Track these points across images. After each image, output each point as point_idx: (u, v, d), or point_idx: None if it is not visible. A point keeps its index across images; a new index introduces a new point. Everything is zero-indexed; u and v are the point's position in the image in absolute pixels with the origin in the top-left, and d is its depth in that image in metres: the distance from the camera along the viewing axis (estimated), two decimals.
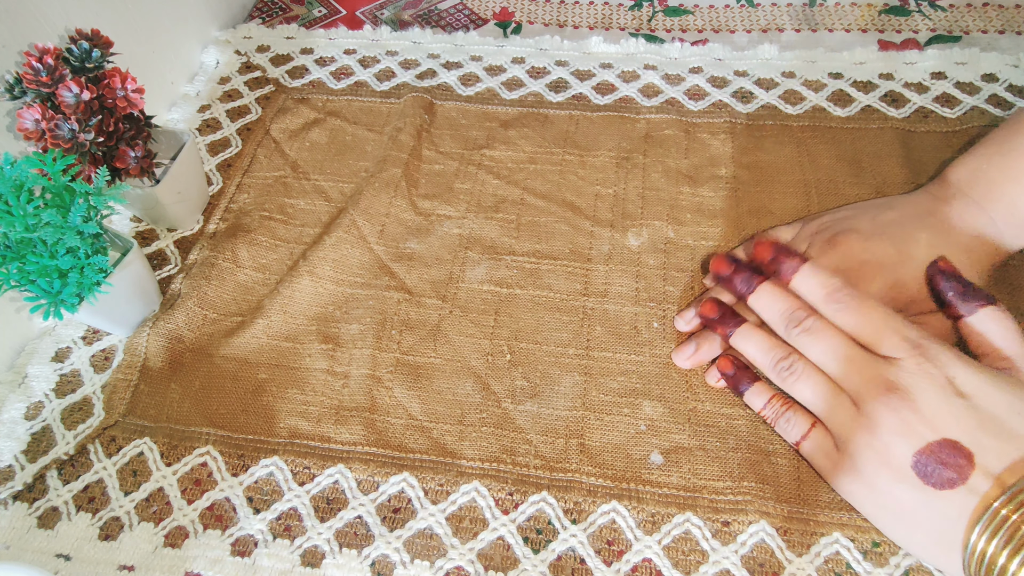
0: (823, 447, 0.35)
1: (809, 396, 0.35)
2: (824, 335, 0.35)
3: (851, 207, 0.44)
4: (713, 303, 0.39)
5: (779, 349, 0.36)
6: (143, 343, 0.43)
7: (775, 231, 0.44)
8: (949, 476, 0.30)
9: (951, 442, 0.30)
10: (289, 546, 0.36)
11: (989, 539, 0.29)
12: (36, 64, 0.38)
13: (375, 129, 0.55)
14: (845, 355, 0.34)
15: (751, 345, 0.37)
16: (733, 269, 0.38)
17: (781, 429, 0.37)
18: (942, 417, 0.31)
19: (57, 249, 0.36)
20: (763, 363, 0.37)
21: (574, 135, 0.53)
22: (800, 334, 0.35)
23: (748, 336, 0.37)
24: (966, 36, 0.58)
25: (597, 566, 0.35)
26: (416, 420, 0.40)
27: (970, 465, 0.30)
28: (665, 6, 0.64)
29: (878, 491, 0.32)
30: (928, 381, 0.31)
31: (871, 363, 0.33)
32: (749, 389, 0.38)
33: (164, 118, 0.56)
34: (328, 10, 0.67)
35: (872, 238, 0.39)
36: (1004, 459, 0.29)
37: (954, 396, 0.31)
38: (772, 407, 0.37)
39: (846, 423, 0.33)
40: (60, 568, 0.36)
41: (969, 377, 0.31)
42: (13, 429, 0.41)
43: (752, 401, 0.38)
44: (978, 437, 0.30)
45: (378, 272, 0.46)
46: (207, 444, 0.40)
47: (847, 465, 0.33)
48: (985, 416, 0.30)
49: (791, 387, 0.36)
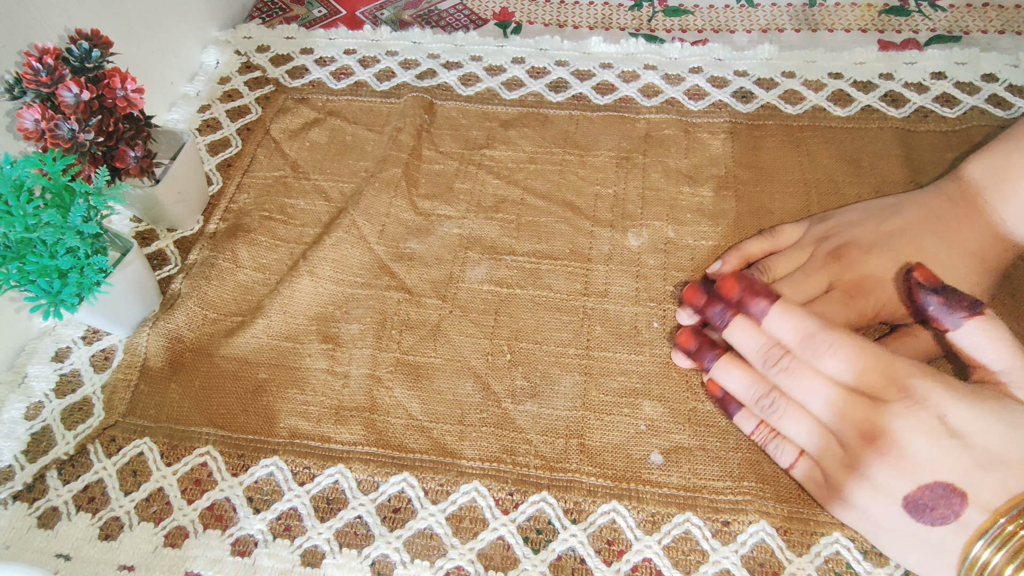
0: (812, 476, 0.35)
1: (794, 433, 0.34)
2: (802, 376, 0.33)
3: (858, 208, 0.43)
4: (689, 334, 0.39)
5: (759, 385, 0.35)
6: (143, 343, 0.43)
7: (782, 228, 0.44)
8: (942, 515, 0.29)
9: (943, 484, 0.29)
10: (289, 546, 0.36)
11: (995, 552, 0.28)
12: (36, 64, 0.38)
13: (375, 129, 0.55)
14: (827, 398, 0.33)
15: (731, 380, 0.37)
16: (705, 301, 0.37)
17: (771, 453, 0.36)
18: (934, 462, 0.30)
19: (57, 249, 0.36)
20: (744, 398, 0.36)
21: (574, 135, 0.53)
22: (778, 374, 0.34)
23: (727, 370, 0.37)
24: (966, 36, 0.58)
25: (597, 566, 0.35)
26: (416, 420, 0.40)
27: (963, 504, 0.29)
28: (665, 6, 0.64)
29: (870, 519, 0.32)
30: (917, 427, 0.30)
31: (855, 406, 0.32)
32: (739, 413, 0.37)
33: (164, 118, 0.56)
34: (328, 10, 0.67)
35: (873, 250, 0.39)
36: (1003, 492, 0.29)
37: (946, 438, 0.30)
38: (761, 432, 0.36)
39: (833, 463, 0.33)
40: (60, 568, 0.36)
41: (960, 413, 0.30)
42: (13, 429, 0.41)
43: (742, 424, 0.37)
44: (973, 475, 0.29)
45: (378, 272, 0.46)
46: (207, 444, 0.40)
47: (836, 495, 0.33)
48: (979, 452, 0.29)
49: (776, 423, 0.35)
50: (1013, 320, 0.41)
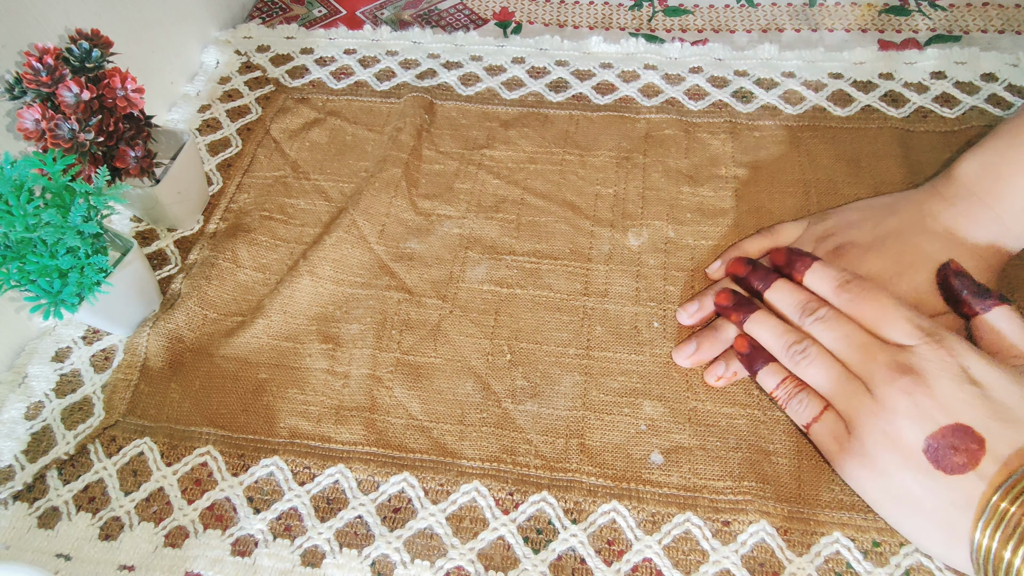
0: (833, 430, 0.35)
1: (821, 380, 0.35)
2: (838, 323, 0.35)
3: (856, 208, 0.44)
4: (728, 292, 0.41)
5: (792, 334, 0.37)
6: (143, 343, 0.43)
7: (781, 227, 0.45)
8: (960, 461, 0.30)
9: (964, 427, 0.30)
10: (289, 546, 0.36)
11: (992, 534, 0.29)
12: (36, 64, 0.38)
13: (375, 129, 0.55)
14: (859, 342, 0.34)
15: (764, 330, 0.38)
16: (749, 269, 0.40)
17: (792, 410, 0.37)
18: (956, 403, 0.31)
19: (57, 249, 0.36)
20: (776, 347, 0.37)
21: (574, 135, 0.53)
22: (814, 322, 0.36)
23: (762, 322, 0.38)
24: (966, 36, 0.58)
25: (597, 566, 0.35)
26: (416, 420, 0.40)
27: (981, 450, 0.30)
28: (665, 6, 0.64)
29: (887, 476, 0.32)
30: (942, 367, 0.32)
31: (885, 349, 0.34)
32: (764, 368, 0.38)
33: (164, 118, 0.56)
34: (328, 10, 0.67)
35: (871, 251, 0.40)
36: (1014, 445, 0.30)
37: (968, 383, 0.31)
38: (785, 387, 0.37)
39: (858, 406, 0.34)
40: (60, 568, 0.36)
41: (982, 367, 0.32)
42: (13, 429, 0.41)
43: (765, 381, 0.38)
44: (989, 424, 0.30)
45: (378, 272, 0.46)
46: (207, 444, 0.40)
47: (857, 449, 0.33)
48: (997, 404, 0.31)
49: (803, 371, 0.36)
50: None
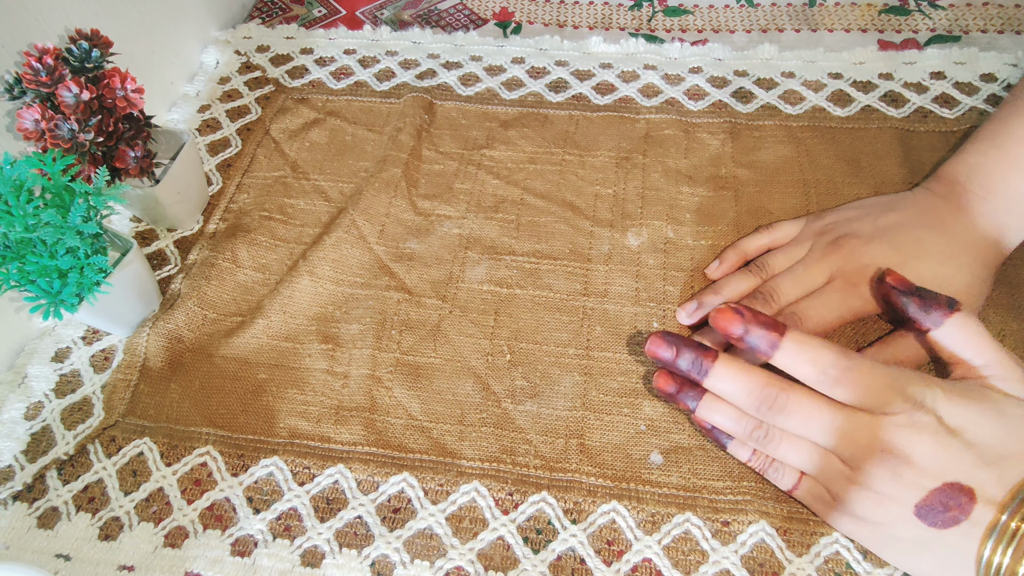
0: (816, 494, 0.34)
1: (794, 460, 0.34)
2: (803, 410, 0.32)
3: (854, 207, 0.44)
4: (666, 376, 0.36)
5: (750, 419, 0.34)
6: (143, 343, 0.43)
7: (779, 225, 0.45)
8: (953, 516, 0.30)
9: (951, 485, 0.30)
10: (289, 546, 0.36)
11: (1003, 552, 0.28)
12: (36, 64, 0.38)
13: (375, 129, 0.55)
14: (832, 427, 0.32)
15: (719, 416, 0.35)
16: (675, 350, 0.34)
17: (771, 478, 0.36)
18: (940, 464, 0.30)
19: (57, 249, 0.36)
20: (736, 432, 0.35)
21: (574, 135, 0.53)
22: (777, 415, 0.33)
23: (714, 408, 0.35)
24: (966, 36, 0.58)
25: (597, 566, 0.35)
26: (416, 420, 0.40)
27: (971, 501, 0.29)
28: (665, 6, 0.64)
29: (880, 529, 0.32)
30: (921, 432, 0.30)
31: (860, 428, 0.31)
32: (731, 443, 0.36)
33: (164, 118, 0.56)
34: (328, 10, 0.67)
35: (872, 241, 0.39)
36: (1004, 484, 0.29)
37: (947, 436, 0.30)
38: (758, 458, 0.35)
39: (839, 481, 0.33)
40: (60, 568, 0.36)
41: (955, 411, 0.30)
42: (13, 429, 0.41)
43: (736, 453, 0.36)
44: (975, 472, 0.30)
45: (378, 272, 0.46)
46: (207, 444, 0.40)
47: (845, 511, 0.33)
48: (978, 449, 0.30)
49: (773, 452, 0.34)
50: (1012, 317, 0.41)
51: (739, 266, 0.44)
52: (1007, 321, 0.41)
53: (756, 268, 0.43)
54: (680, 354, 0.34)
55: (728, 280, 0.43)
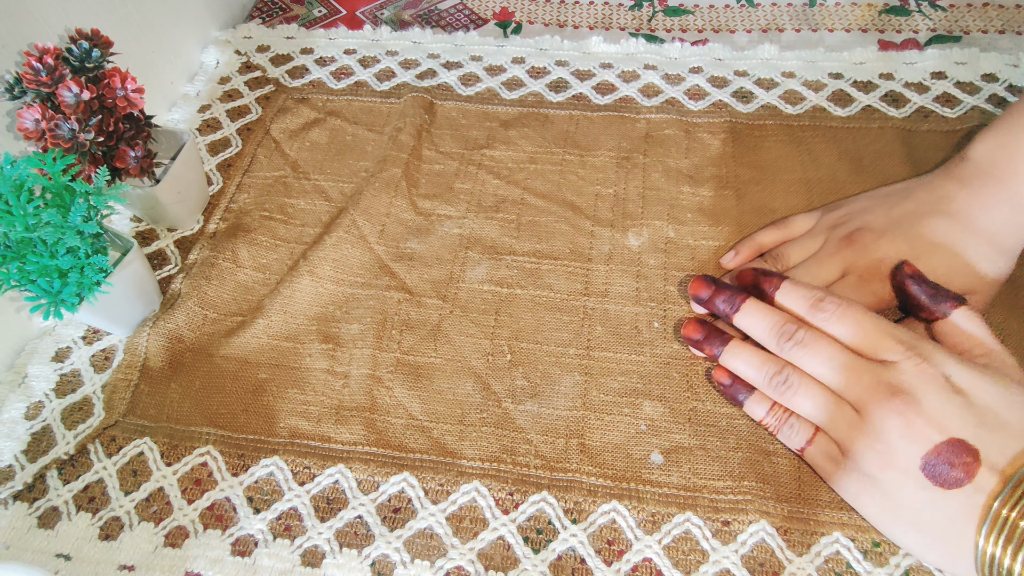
0: (828, 452, 0.35)
1: (809, 408, 0.35)
2: (817, 345, 0.34)
3: (868, 196, 0.44)
4: (695, 323, 0.39)
5: (771, 364, 0.36)
6: (143, 343, 0.43)
7: (793, 219, 0.45)
8: (957, 476, 0.30)
9: (958, 441, 0.30)
10: (289, 546, 0.36)
11: (995, 542, 0.29)
12: (36, 64, 0.38)
13: (375, 129, 0.55)
14: (842, 363, 0.34)
15: (741, 362, 0.37)
16: (713, 290, 0.38)
17: (784, 436, 0.36)
18: (947, 417, 0.31)
19: (57, 249, 0.36)
20: (756, 379, 0.36)
21: (574, 135, 0.53)
22: (793, 347, 0.35)
23: (738, 353, 0.37)
24: (966, 36, 0.58)
25: (597, 566, 0.35)
26: (416, 420, 0.40)
27: (976, 462, 0.30)
28: (665, 6, 0.64)
29: (885, 494, 0.32)
30: (929, 382, 0.31)
31: (869, 369, 0.33)
32: (749, 398, 0.37)
33: (164, 118, 0.56)
34: (328, 10, 0.67)
35: (886, 235, 0.40)
36: (1006, 452, 0.30)
37: (954, 394, 0.31)
38: (774, 415, 0.36)
39: (850, 431, 0.33)
40: (60, 568, 0.36)
41: (963, 374, 0.32)
42: (13, 429, 0.41)
43: (752, 410, 0.37)
44: (980, 433, 0.30)
45: (378, 272, 0.46)
46: (207, 444, 0.40)
47: (853, 469, 0.33)
48: (983, 411, 0.31)
49: (789, 400, 0.35)
50: (1013, 315, 0.41)
51: (753, 258, 0.44)
52: (1008, 320, 0.41)
53: (771, 260, 0.43)
54: (718, 292, 0.38)
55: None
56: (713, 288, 0.38)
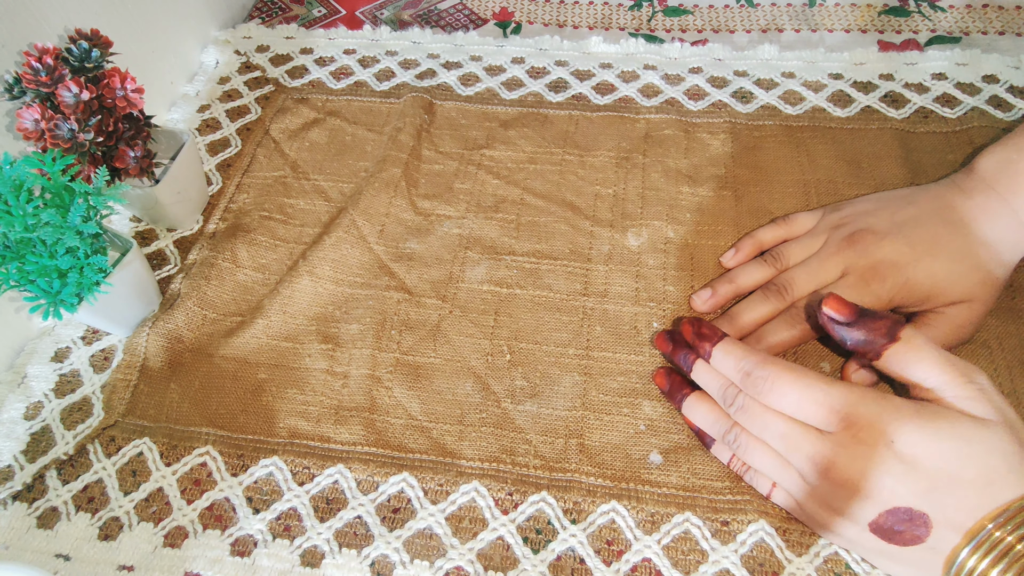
0: (788, 503, 0.35)
1: (759, 465, 0.35)
2: (755, 413, 0.34)
3: (873, 199, 0.44)
4: (663, 374, 0.40)
5: (723, 422, 0.36)
6: (143, 343, 0.43)
7: (796, 217, 0.45)
8: (909, 536, 0.30)
9: (903, 509, 0.30)
10: (289, 546, 0.36)
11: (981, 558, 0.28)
12: (35, 64, 0.38)
13: (375, 129, 0.55)
14: (779, 432, 0.33)
15: (698, 416, 0.37)
16: (671, 348, 0.39)
17: (749, 480, 0.36)
18: (888, 490, 0.30)
19: (57, 249, 0.36)
20: (712, 433, 0.37)
21: (574, 135, 0.53)
22: (736, 412, 0.35)
23: (695, 407, 0.37)
24: (966, 37, 0.58)
25: (597, 566, 0.35)
26: (416, 420, 0.40)
27: (928, 526, 0.29)
28: (665, 6, 0.64)
29: (850, 541, 0.33)
30: (863, 457, 0.30)
31: (807, 440, 0.32)
32: (715, 445, 0.37)
33: (164, 118, 0.56)
34: (328, 10, 0.67)
35: (887, 237, 0.40)
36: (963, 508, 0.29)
37: (896, 463, 0.30)
38: (736, 463, 0.36)
39: (799, 492, 0.33)
40: (59, 568, 0.36)
41: (909, 436, 0.30)
42: (12, 429, 0.41)
43: (718, 455, 0.37)
44: (931, 498, 0.29)
45: (378, 272, 0.46)
46: (207, 444, 0.40)
47: (813, 522, 0.34)
48: (933, 474, 0.29)
49: (743, 456, 0.35)
50: (1010, 320, 0.41)
51: (754, 255, 0.44)
52: (1006, 325, 0.40)
53: (771, 258, 0.43)
54: (675, 350, 0.39)
55: (743, 269, 0.43)
56: (671, 346, 0.39)
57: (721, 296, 0.42)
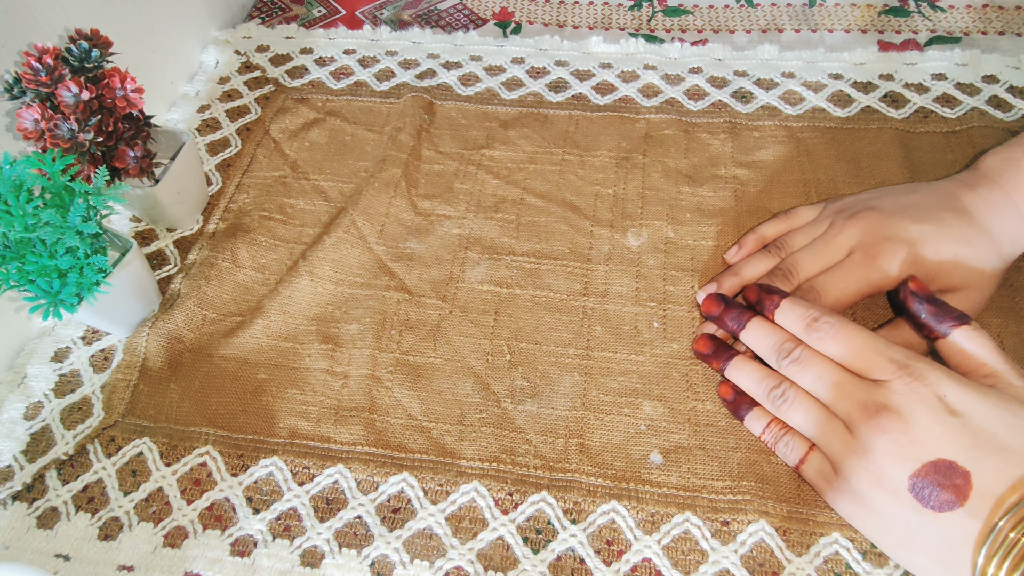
0: (821, 470, 0.35)
1: (802, 422, 0.35)
2: (812, 363, 0.35)
3: (875, 190, 0.44)
4: (705, 338, 0.40)
5: (771, 378, 0.36)
6: (143, 343, 0.43)
7: (797, 211, 0.45)
8: (947, 498, 0.29)
9: (947, 462, 0.30)
10: (289, 546, 0.36)
11: (999, 565, 0.28)
12: (35, 64, 0.38)
13: (375, 129, 0.55)
14: (834, 381, 0.34)
15: (744, 376, 0.38)
16: (722, 308, 0.39)
17: (780, 453, 0.37)
18: (935, 437, 0.30)
19: (56, 249, 0.36)
20: (756, 393, 0.37)
21: (574, 135, 0.53)
22: (789, 364, 0.36)
23: (741, 368, 0.38)
24: (966, 37, 0.58)
25: (597, 566, 0.35)
26: (416, 420, 0.40)
27: (968, 485, 0.29)
28: (665, 6, 0.64)
29: (877, 514, 0.32)
30: (918, 402, 0.31)
31: (860, 387, 0.33)
32: (749, 414, 0.38)
33: (164, 118, 0.56)
34: (328, 10, 0.67)
35: (894, 216, 0.40)
36: (1004, 478, 0.29)
37: (946, 415, 0.30)
38: (771, 431, 0.37)
39: (840, 448, 0.33)
40: (59, 568, 0.36)
41: (960, 394, 0.31)
42: (12, 429, 0.41)
43: (752, 426, 0.38)
44: (974, 456, 0.29)
45: (378, 272, 0.46)
46: (206, 444, 0.40)
47: (845, 489, 0.33)
48: (980, 433, 0.30)
49: (784, 414, 0.36)
50: (1011, 319, 0.41)
51: (757, 251, 0.44)
52: (1007, 323, 0.41)
53: (775, 248, 0.43)
54: (727, 311, 0.39)
55: (747, 262, 0.43)
56: (723, 307, 0.39)
57: (726, 290, 0.42)
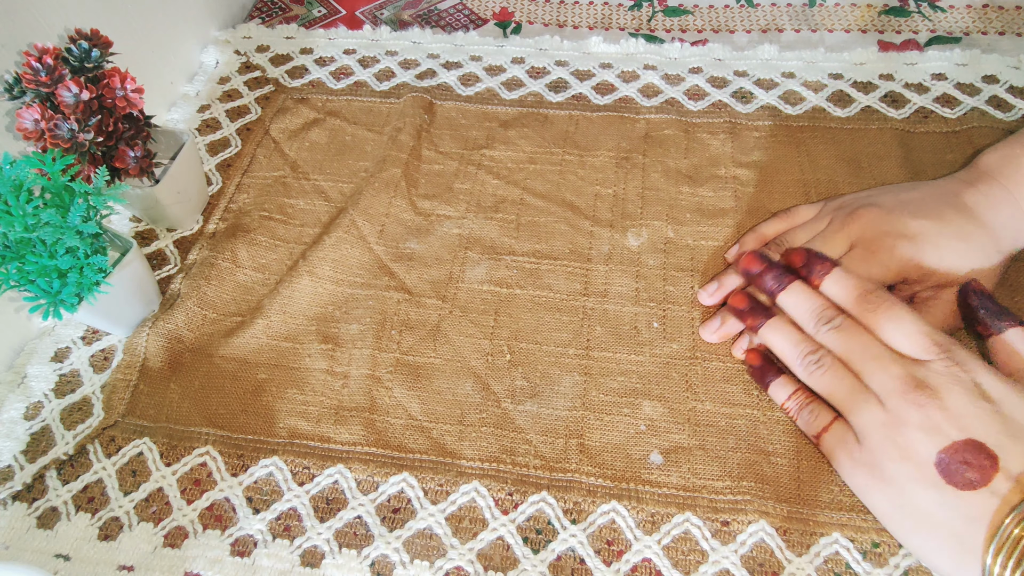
0: (844, 441, 0.35)
1: (834, 389, 0.35)
2: (853, 333, 0.35)
3: (874, 188, 0.44)
4: (743, 295, 0.40)
5: (808, 343, 0.36)
6: (143, 343, 0.43)
7: (796, 210, 0.45)
8: (972, 477, 0.30)
9: (976, 443, 0.30)
10: (289, 546, 0.36)
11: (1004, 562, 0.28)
12: (35, 64, 0.38)
13: (375, 129, 0.55)
14: (874, 353, 0.34)
15: (780, 337, 0.37)
16: (765, 267, 0.38)
17: (803, 421, 0.37)
18: (968, 417, 0.31)
19: (56, 249, 0.36)
20: (791, 355, 0.37)
21: (574, 135, 0.53)
22: (829, 331, 0.35)
23: (778, 328, 0.38)
24: (966, 37, 0.58)
25: (597, 566, 0.35)
26: (416, 420, 0.40)
27: (993, 467, 0.30)
28: (665, 6, 0.64)
29: (897, 489, 0.32)
30: (956, 383, 0.32)
31: (899, 362, 0.33)
32: (775, 381, 0.38)
33: (164, 118, 0.56)
34: (328, 10, 0.67)
35: (894, 211, 0.40)
36: None
37: (980, 399, 0.31)
38: (796, 399, 0.37)
39: (870, 417, 0.33)
40: (59, 568, 0.36)
41: (995, 383, 0.32)
42: (12, 429, 0.41)
43: (776, 393, 0.38)
44: (1003, 440, 0.30)
45: (378, 272, 0.46)
46: (206, 444, 0.40)
47: (867, 460, 0.33)
48: (1010, 420, 0.30)
49: (817, 380, 0.36)
50: None
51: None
52: None
53: (775, 246, 0.43)
54: (769, 269, 0.38)
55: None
56: (765, 265, 0.39)
57: (728, 288, 0.42)
